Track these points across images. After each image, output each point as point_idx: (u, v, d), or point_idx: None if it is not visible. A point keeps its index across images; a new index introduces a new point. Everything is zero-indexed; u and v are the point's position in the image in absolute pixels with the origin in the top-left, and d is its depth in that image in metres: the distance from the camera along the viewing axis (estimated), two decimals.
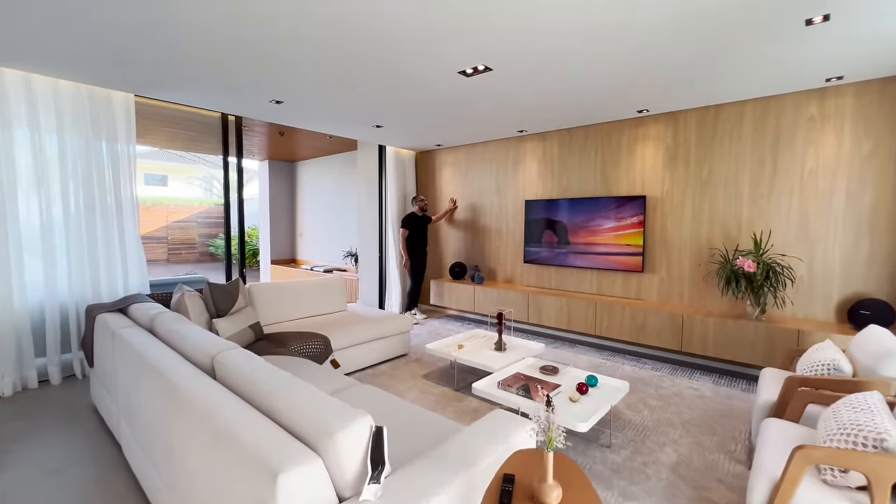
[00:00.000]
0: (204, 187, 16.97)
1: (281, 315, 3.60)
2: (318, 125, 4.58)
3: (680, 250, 3.96)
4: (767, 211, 3.50)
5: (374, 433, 1.12)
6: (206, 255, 13.09)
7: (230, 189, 4.37)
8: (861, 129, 3.12)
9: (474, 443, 1.37)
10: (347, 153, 7.20)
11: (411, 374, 3.54)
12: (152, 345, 1.92)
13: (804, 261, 3.33)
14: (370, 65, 2.84)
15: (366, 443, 1.09)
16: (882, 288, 3.07)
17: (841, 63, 2.77)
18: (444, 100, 3.59)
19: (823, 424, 1.62)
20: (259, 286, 3.54)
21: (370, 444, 1.09)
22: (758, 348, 3.25)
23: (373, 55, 2.68)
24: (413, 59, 2.74)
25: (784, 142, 3.41)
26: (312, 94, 3.46)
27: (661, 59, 2.74)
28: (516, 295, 4.72)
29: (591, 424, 2.14)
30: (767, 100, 3.46)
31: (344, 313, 3.98)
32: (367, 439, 1.10)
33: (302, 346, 3.08)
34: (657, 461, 2.26)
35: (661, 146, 4.02)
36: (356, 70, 2.94)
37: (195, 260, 12.88)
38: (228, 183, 4.38)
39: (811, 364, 2.15)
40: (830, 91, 3.21)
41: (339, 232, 7.52)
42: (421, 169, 6.21)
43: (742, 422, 2.73)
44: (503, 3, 2.06)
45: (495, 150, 5.30)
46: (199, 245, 12.94)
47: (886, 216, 3.05)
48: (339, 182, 7.47)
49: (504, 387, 2.56)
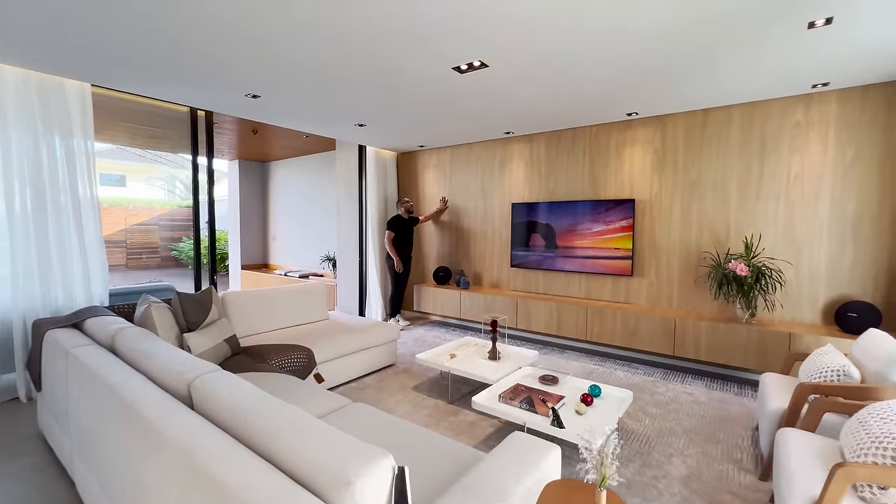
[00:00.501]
0: (166, 188, 16.10)
1: (258, 326, 3.33)
2: (297, 122, 4.33)
3: (669, 254, 3.95)
4: (755, 215, 3.53)
5: (397, 476, 0.95)
6: (170, 260, 12.36)
7: (199, 190, 4.05)
8: (844, 135, 3.18)
9: (501, 476, 1.21)
10: (324, 153, 6.92)
11: (400, 386, 3.34)
12: (114, 367, 1.66)
13: (793, 264, 3.36)
14: (360, 59, 2.65)
15: (388, 489, 0.92)
16: (867, 291, 3.14)
17: (829, 69, 2.81)
18: (434, 97, 3.43)
19: (851, 437, 1.56)
20: (234, 295, 3.26)
21: (393, 491, 0.92)
22: (750, 352, 3.25)
23: (364, 48, 2.50)
24: (407, 53, 2.57)
25: (770, 147, 3.45)
26: (294, 88, 3.22)
27: (658, 65, 2.69)
28: (504, 300, 4.61)
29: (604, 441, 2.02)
30: (754, 105, 3.50)
31: (326, 322, 3.74)
32: (390, 485, 0.92)
33: (283, 360, 2.84)
34: (667, 474, 2.17)
35: (650, 149, 4.01)
36: (344, 64, 2.75)
37: (157, 265, 12.14)
38: (198, 183, 4.06)
39: (819, 370, 2.12)
40: (815, 97, 3.26)
41: (315, 235, 7.21)
42: (403, 170, 6.02)
43: (742, 428, 2.69)
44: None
45: (481, 151, 5.19)
46: (161, 249, 12.20)
47: (870, 222, 3.12)
48: (316, 183, 7.17)
49: (506, 400, 2.42)
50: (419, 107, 3.72)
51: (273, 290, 3.55)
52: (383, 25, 2.23)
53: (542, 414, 2.26)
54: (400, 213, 5.29)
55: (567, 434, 2.08)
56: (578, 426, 2.15)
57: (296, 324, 3.62)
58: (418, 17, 2.15)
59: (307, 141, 6.07)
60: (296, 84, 3.14)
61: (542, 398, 2.41)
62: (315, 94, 3.39)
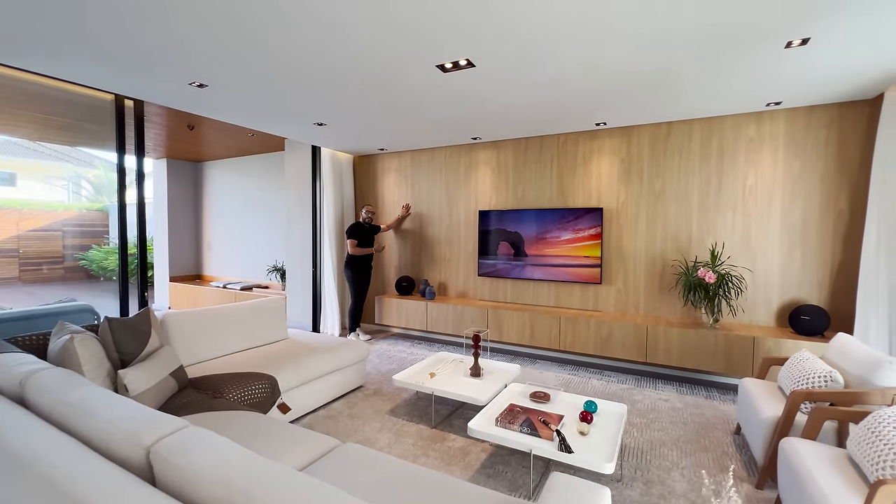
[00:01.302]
0: (71, 189, 14.06)
1: (208, 351, 2.86)
2: (248, 118, 3.86)
3: (635, 262, 4.05)
4: (715, 224, 3.71)
5: None
6: (78, 272, 10.71)
7: (125, 191, 3.45)
8: (792, 151, 3.44)
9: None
10: (271, 154, 6.37)
11: (374, 411, 3.04)
12: (29, 429, 1.24)
13: (752, 271, 3.56)
14: (333, 50, 2.36)
15: None
16: (814, 294, 3.40)
17: (785, 89, 3.00)
18: (411, 97, 3.20)
19: (867, 447, 1.57)
20: (176, 316, 2.76)
21: None
22: (718, 356, 3.38)
23: (340, 38, 2.21)
24: (387, 46, 2.33)
25: (728, 160, 3.65)
26: (250, 79, 2.83)
27: (639, 77, 2.70)
28: (474, 311, 4.46)
29: (615, 462, 1.91)
30: (712, 120, 3.69)
31: (287, 343, 3.32)
32: None
33: (242, 392, 2.43)
34: (672, 491, 2.12)
35: (616, 160, 4.09)
36: (312, 55, 2.43)
37: (61, 278, 10.44)
38: (124, 183, 3.46)
39: (805, 376, 2.19)
40: (766, 115, 3.50)
41: (259, 244, 6.59)
42: (360, 174, 5.68)
43: (722, 433, 2.75)
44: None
45: (445, 156, 5.02)
46: (67, 259, 10.54)
47: (814, 230, 3.39)
48: (259, 186, 6.56)
49: (504, 424, 2.24)
50: (392, 107, 3.46)
51: (224, 308, 3.09)
52: (364, 14, 1.98)
53: (546, 437, 2.12)
54: (360, 220, 4.96)
55: (576, 459, 1.95)
56: (585, 449, 2.03)
57: (252, 346, 3.17)
58: (406, 7, 1.93)
59: (251, 140, 5.53)
60: (253, 75, 2.76)
61: (542, 419, 2.27)
62: (275, 88, 3.01)
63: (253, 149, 6.13)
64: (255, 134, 5.16)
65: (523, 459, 2.38)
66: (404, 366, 4.04)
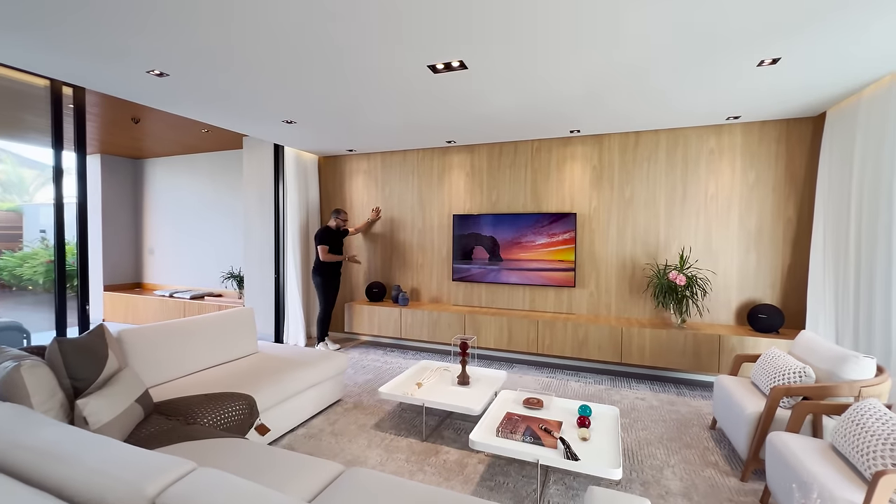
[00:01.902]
0: None
1: (172, 370, 2.56)
2: (208, 113, 3.54)
3: (607, 265, 4.19)
4: (680, 229, 3.93)
5: None
6: None
7: (61, 190, 3.03)
8: (747, 162, 3.73)
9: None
10: (226, 152, 5.93)
11: (358, 426, 2.88)
12: None
13: (716, 273, 3.80)
14: (315, 42, 2.21)
15: None
16: (767, 294, 3.69)
17: (744, 105, 3.24)
18: (395, 96, 3.09)
19: (853, 439, 1.69)
20: (134, 333, 2.44)
21: None
22: (687, 355, 3.57)
23: (324, 29, 2.07)
24: (378, 42, 2.21)
25: (691, 169, 3.88)
26: (221, 69, 2.58)
27: (622, 86, 2.79)
28: (451, 316, 4.39)
29: (621, 468, 1.92)
30: (677, 131, 3.91)
31: (258, 357, 3.06)
32: None
33: (218, 414, 2.20)
34: (668, 491, 2.18)
35: (588, 166, 4.22)
36: (296, 48, 2.26)
37: None
38: (60, 181, 3.04)
39: (781, 372, 2.34)
40: (725, 128, 3.77)
41: (212, 248, 6.10)
42: (326, 176, 5.43)
43: (699, 428, 2.89)
44: None
45: (417, 159, 4.93)
46: None
47: (767, 236, 3.69)
48: (213, 187, 6.08)
49: (505, 434, 2.20)
50: (372, 107, 3.32)
51: (187, 321, 2.78)
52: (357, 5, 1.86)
53: (550, 445, 2.09)
54: (329, 225, 4.72)
55: (583, 467, 1.94)
56: (589, 455, 2.03)
57: (221, 362, 2.89)
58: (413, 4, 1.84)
59: (205, 136, 5.10)
60: (227, 64, 2.52)
61: (543, 427, 2.25)
62: (245, 80, 2.78)
63: (206, 146, 5.67)
64: (211, 130, 4.77)
65: (522, 469, 2.35)
66: (381, 376, 3.89)
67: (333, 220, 4.70)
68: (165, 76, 2.69)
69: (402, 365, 4.22)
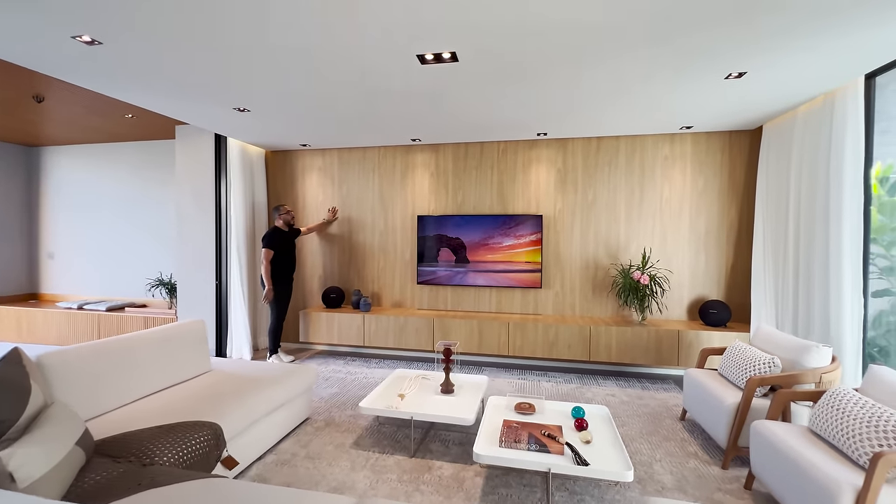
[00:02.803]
0: None
1: (110, 400, 2.11)
2: (145, 94, 3.03)
3: (571, 266, 4.29)
4: (638, 231, 4.14)
5: None
6: None
7: None
8: (697, 169, 4.03)
9: None
10: (152, 142, 5.20)
11: (335, 446, 2.62)
12: None
13: (673, 272, 4.05)
14: (295, 21, 1.96)
15: None
16: (714, 291, 4.02)
17: (697, 116, 3.49)
18: (370, 89, 2.87)
19: (835, 423, 1.84)
20: (57, 357, 1.97)
21: None
22: (650, 350, 3.75)
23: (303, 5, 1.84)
24: (365, 25, 2.02)
25: (648, 175, 4.11)
26: (172, 43, 2.20)
27: (601, 91, 2.85)
28: (418, 321, 4.22)
29: (633, 469, 1.92)
30: (635, 138, 4.12)
31: (213, 376, 2.66)
32: None
33: (179, 450, 1.84)
34: (664, 486, 2.23)
35: (553, 169, 4.30)
36: (268, 27, 1.99)
37: None
38: None
39: (751, 363, 2.51)
40: (677, 137, 4.04)
41: (134, 252, 5.32)
42: (275, 172, 4.98)
43: (671, 419, 3.04)
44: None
45: (378, 157, 4.70)
46: None
47: (714, 238, 4.01)
48: (135, 182, 5.31)
49: (509, 444, 2.10)
50: (345, 98, 3.06)
51: (125, 339, 2.33)
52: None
53: (556, 452, 2.04)
54: (278, 226, 4.31)
55: (595, 471, 1.90)
56: (595, 458, 2.01)
57: (169, 385, 2.46)
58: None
59: (127, 122, 4.43)
60: (183, 35, 2.15)
61: (545, 433, 2.19)
62: (198, 57, 2.40)
63: (128, 134, 4.92)
64: (137, 115, 4.14)
65: (521, 478, 2.27)
66: (348, 388, 3.61)
67: (279, 219, 4.30)
68: (97, 44, 2.23)
69: (368, 375, 3.96)
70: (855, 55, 2.34)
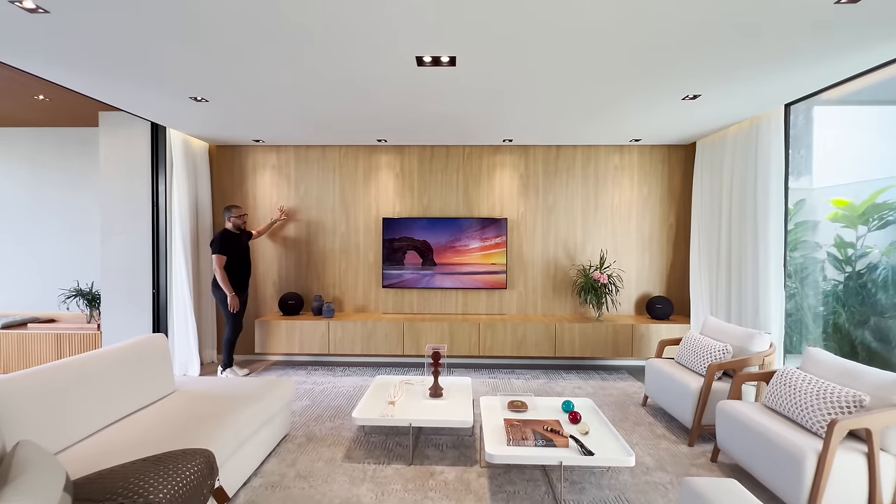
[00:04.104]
0: None
1: (71, 432, 1.79)
2: (78, 76, 2.60)
3: (533, 267, 4.51)
4: (594, 234, 4.48)
5: None
6: None
7: None
8: (642, 178, 4.46)
9: None
10: (70, 129, 4.48)
11: (325, 461, 2.48)
12: None
13: (626, 272, 4.43)
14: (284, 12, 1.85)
15: None
16: (658, 288, 4.47)
17: (645, 131, 3.87)
18: (363, 85, 2.77)
19: (788, 398, 2.16)
20: (19, 380, 1.64)
21: None
22: (608, 344, 4.07)
23: None
24: (362, 37, 1.97)
25: (601, 182, 4.46)
26: (129, 13, 1.93)
27: (577, 105, 3.05)
28: (387, 326, 4.13)
29: (634, 455, 2.08)
30: (590, 148, 4.45)
31: (181, 396, 2.37)
32: None
33: (174, 485, 1.63)
34: (648, 467, 2.44)
35: (516, 174, 4.48)
36: (258, 15, 1.85)
37: None
38: None
39: (708, 351, 2.85)
40: (626, 148, 4.44)
41: (37, 258, 4.52)
42: (222, 168, 4.55)
43: (634, 405, 3.33)
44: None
45: (338, 156, 4.52)
46: None
47: (657, 240, 4.47)
48: (38, 176, 4.52)
49: (517, 442, 2.16)
50: (326, 94, 2.91)
51: (77, 360, 1.99)
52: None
53: (562, 445, 2.14)
54: (227, 228, 3.95)
55: (601, 460, 2.04)
56: (598, 447, 2.14)
57: (134, 410, 2.15)
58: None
59: (38, 105, 3.76)
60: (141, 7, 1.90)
61: (547, 428, 2.28)
62: (158, 39, 2.14)
63: (38, 119, 4.16)
64: (52, 98, 3.54)
65: (523, 473, 2.34)
66: (319, 399, 3.43)
67: (229, 221, 3.94)
68: (42, 12, 1.88)
69: (337, 384, 3.79)
70: (778, 88, 2.78)
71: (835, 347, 3.92)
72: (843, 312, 3.97)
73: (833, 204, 4.11)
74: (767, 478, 2.03)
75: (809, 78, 2.61)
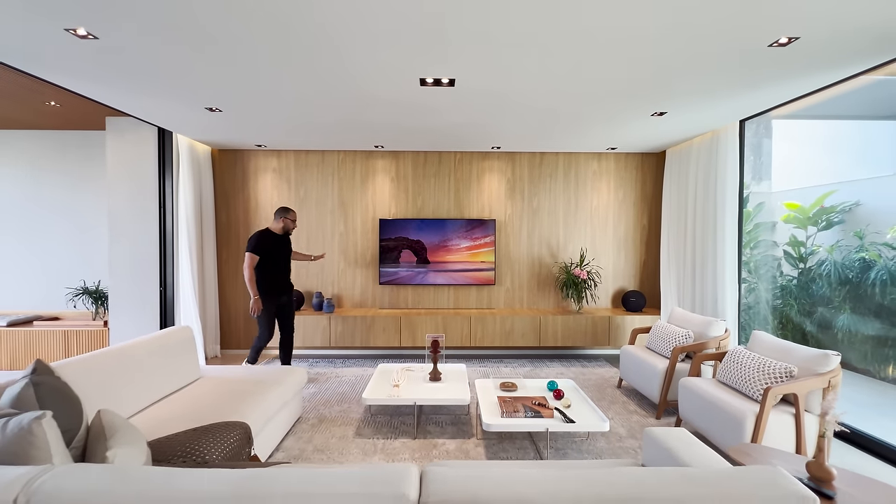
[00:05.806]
0: None
1: (124, 408, 2.05)
2: (98, 87, 2.81)
3: (519, 264, 4.87)
4: (574, 234, 4.87)
5: None
6: None
7: None
8: (618, 183, 4.88)
9: None
10: (76, 132, 4.61)
11: (338, 438, 2.78)
12: None
13: (604, 268, 4.84)
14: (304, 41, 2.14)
15: None
16: (632, 283, 4.90)
17: (619, 140, 4.28)
18: (367, 101, 3.06)
19: (735, 373, 2.57)
20: (71, 367, 1.88)
21: None
22: (588, 334, 4.47)
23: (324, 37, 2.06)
24: (370, 59, 2.28)
25: (581, 186, 4.86)
26: (161, 33, 2.19)
27: (559, 117, 3.42)
28: (384, 320, 4.43)
29: (608, 422, 2.45)
30: (571, 155, 4.84)
31: (207, 382, 2.63)
32: None
33: (222, 448, 1.91)
34: (621, 435, 2.82)
35: (504, 179, 4.84)
36: (282, 40, 2.14)
37: None
38: None
39: (674, 337, 3.26)
40: (604, 155, 4.85)
41: (45, 256, 4.64)
42: (224, 172, 4.76)
43: (610, 387, 3.73)
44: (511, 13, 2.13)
45: (337, 161, 4.79)
46: None
47: (632, 240, 4.90)
48: (42, 178, 4.64)
49: (510, 414, 2.51)
50: (331, 107, 3.19)
51: (125, 347, 2.24)
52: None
53: (548, 416, 2.50)
54: (271, 228, 3.67)
55: (581, 426, 2.40)
56: (578, 417, 2.51)
57: (169, 392, 2.40)
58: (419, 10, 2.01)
59: (48, 111, 3.91)
60: (164, 26, 2.16)
61: (535, 402, 2.64)
62: (190, 53, 2.40)
63: (43, 122, 4.28)
64: (63, 104, 3.71)
65: (514, 442, 2.69)
66: (325, 387, 3.71)
67: (280, 222, 3.66)
68: (92, 38, 2.12)
69: (340, 374, 4.07)
70: (734, 106, 3.20)
71: (788, 336, 4.42)
72: (795, 305, 4.48)
73: (786, 207, 4.61)
74: (718, 438, 2.43)
75: (757, 100, 3.05)
